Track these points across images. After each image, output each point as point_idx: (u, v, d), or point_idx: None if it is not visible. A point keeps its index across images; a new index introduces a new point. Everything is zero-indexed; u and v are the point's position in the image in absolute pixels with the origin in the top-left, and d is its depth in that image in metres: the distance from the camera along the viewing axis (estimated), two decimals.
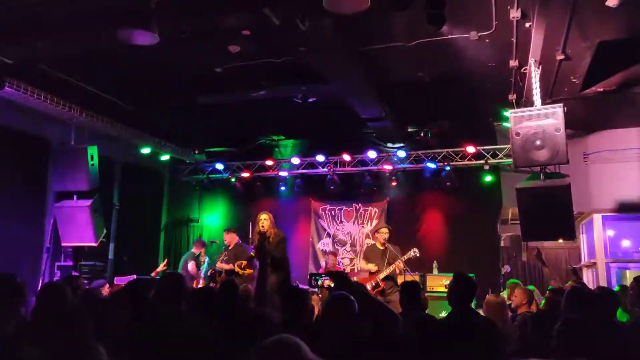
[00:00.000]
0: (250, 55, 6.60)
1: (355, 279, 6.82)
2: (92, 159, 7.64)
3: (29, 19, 5.56)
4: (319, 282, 3.29)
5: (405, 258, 7.54)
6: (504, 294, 6.44)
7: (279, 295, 5.14)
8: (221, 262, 8.04)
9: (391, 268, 7.52)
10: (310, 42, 5.66)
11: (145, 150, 10.01)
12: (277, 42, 6.13)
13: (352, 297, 2.78)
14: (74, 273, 7.59)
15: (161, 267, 8.44)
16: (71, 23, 5.55)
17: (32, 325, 2.27)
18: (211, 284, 7.74)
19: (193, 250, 8.99)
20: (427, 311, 4.90)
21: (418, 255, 7.67)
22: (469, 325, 3.58)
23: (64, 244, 7.82)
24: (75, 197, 7.70)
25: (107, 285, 6.79)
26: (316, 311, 5.33)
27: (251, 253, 7.65)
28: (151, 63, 6.78)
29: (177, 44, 5.77)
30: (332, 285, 3.07)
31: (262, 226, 7.15)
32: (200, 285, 7.98)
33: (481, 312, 5.00)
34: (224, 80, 7.40)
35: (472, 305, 4.06)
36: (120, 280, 7.52)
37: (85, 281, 7.14)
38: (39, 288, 5.85)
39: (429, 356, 3.47)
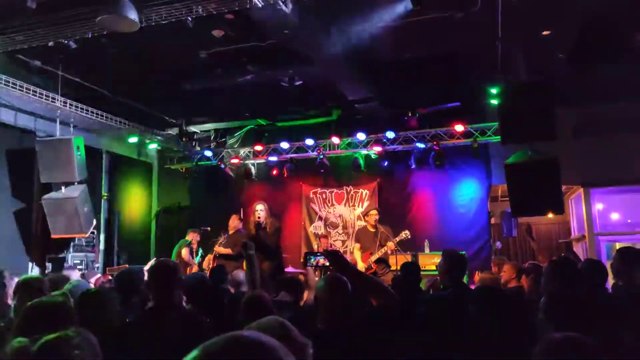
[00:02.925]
0: (235, 40, 6.54)
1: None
2: (78, 150, 7.57)
3: (8, 9, 5.46)
4: (314, 261, 3.28)
5: (397, 240, 7.58)
6: None
7: (273, 281, 5.19)
8: (219, 246, 8.05)
9: (383, 250, 7.57)
10: (293, 24, 5.61)
11: (133, 140, 9.93)
12: (261, 26, 6.07)
13: (345, 278, 2.78)
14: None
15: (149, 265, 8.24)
16: (50, 12, 5.46)
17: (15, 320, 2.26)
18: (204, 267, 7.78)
19: (187, 237, 8.92)
20: None
21: (409, 237, 7.73)
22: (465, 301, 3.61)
23: (53, 236, 7.76)
24: (62, 188, 7.63)
25: (102, 276, 6.77)
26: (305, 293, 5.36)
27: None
28: (135, 50, 6.69)
29: (160, 29, 5.69)
30: (327, 264, 3.05)
31: (259, 217, 7.25)
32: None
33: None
34: (210, 65, 7.33)
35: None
36: (112, 271, 7.49)
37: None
38: None
39: (427, 333, 3.49)
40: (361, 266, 7.56)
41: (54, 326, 1.92)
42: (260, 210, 7.29)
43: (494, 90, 7.27)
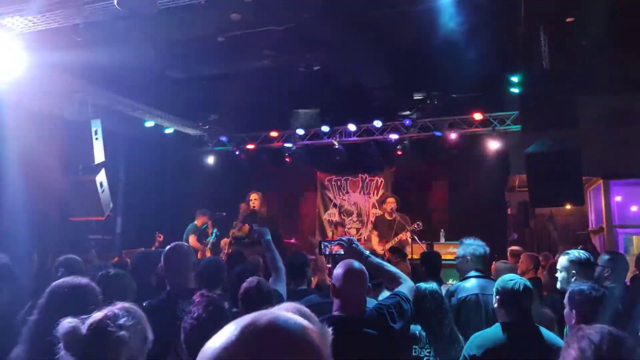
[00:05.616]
0: (252, 24, 6.48)
1: None
2: (96, 133, 7.60)
3: None
4: (328, 249, 3.26)
5: (409, 229, 7.58)
6: None
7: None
8: (236, 231, 8.09)
9: (397, 239, 7.59)
10: (313, 8, 5.55)
11: (149, 124, 9.96)
12: (279, 9, 6.01)
13: (362, 266, 2.76)
14: None
15: (157, 241, 8.19)
16: None
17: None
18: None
19: (196, 222, 8.91)
20: None
21: (421, 227, 7.70)
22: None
23: (71, 218, 7.84)
24: (80, 171, 7.69)
25: (117, 258, 6.83)
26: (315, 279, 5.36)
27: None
28: (153, 33, 6.67)
29: (178, 11, 5.66)
30: (342, 252, 3.03)
31: (254, 206, 7.43)
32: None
33: None
34: (227, 49, 7.29)
35: None
36: (129, 254, 7.55)
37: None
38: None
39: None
40: (379, 251, 7.59)
41: (80, 307, 1.92)
42: (254, 199, 7.47)
43: (514, 78, 7.15)
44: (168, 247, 3.37)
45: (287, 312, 1.58)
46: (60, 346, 1.69)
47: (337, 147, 9.97)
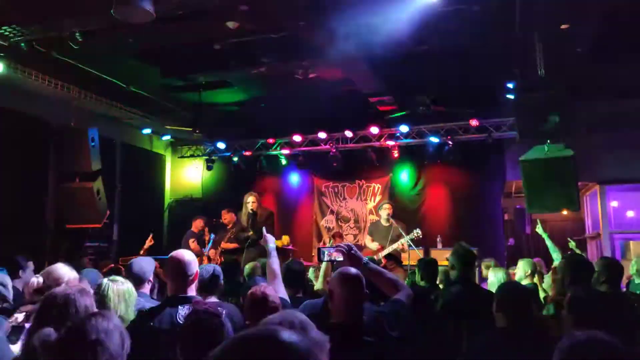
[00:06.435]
0: (249, 31, 6.50)
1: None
2: (92, 141, 7.61)
3: None
4: (326, 255, 3.26)
5: (408, 238, 7.56)
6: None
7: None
8: (226, 242, 8.06)
9: (394, 246, 7.55)
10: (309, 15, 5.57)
11: (146, 131, 9.96)
12: (275, 17, 6.03)
13: (359, 273, 2.75)
14: None
15: (147, 243, 8.10)
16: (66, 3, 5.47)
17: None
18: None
19: (193, 229, 8.90)
20: None
21: (421, 236, 7.70)
22: (474, 297, 3.59)
23: (68, 226, 7.83)
24: (77, 178, 7.69)
25: (112, 265, 6.79)
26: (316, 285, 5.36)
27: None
28: (149, 41, 6.69)
29: (175, 20, 5.68)
30: (341, 258, 3.02)
31: (251, 208, 7.48)
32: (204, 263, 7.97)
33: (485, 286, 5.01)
34: (224, 57, 7.31)
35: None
36: (125, 261, 7.52)
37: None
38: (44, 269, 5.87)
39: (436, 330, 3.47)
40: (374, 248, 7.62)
41: (73, 315, 1.93)
42: (251, 202, 7.52)
43: (510, 85, 7.18)
44: (171, 253, 3.34)
45: (286, 319, 1.58)
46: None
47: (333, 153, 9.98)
